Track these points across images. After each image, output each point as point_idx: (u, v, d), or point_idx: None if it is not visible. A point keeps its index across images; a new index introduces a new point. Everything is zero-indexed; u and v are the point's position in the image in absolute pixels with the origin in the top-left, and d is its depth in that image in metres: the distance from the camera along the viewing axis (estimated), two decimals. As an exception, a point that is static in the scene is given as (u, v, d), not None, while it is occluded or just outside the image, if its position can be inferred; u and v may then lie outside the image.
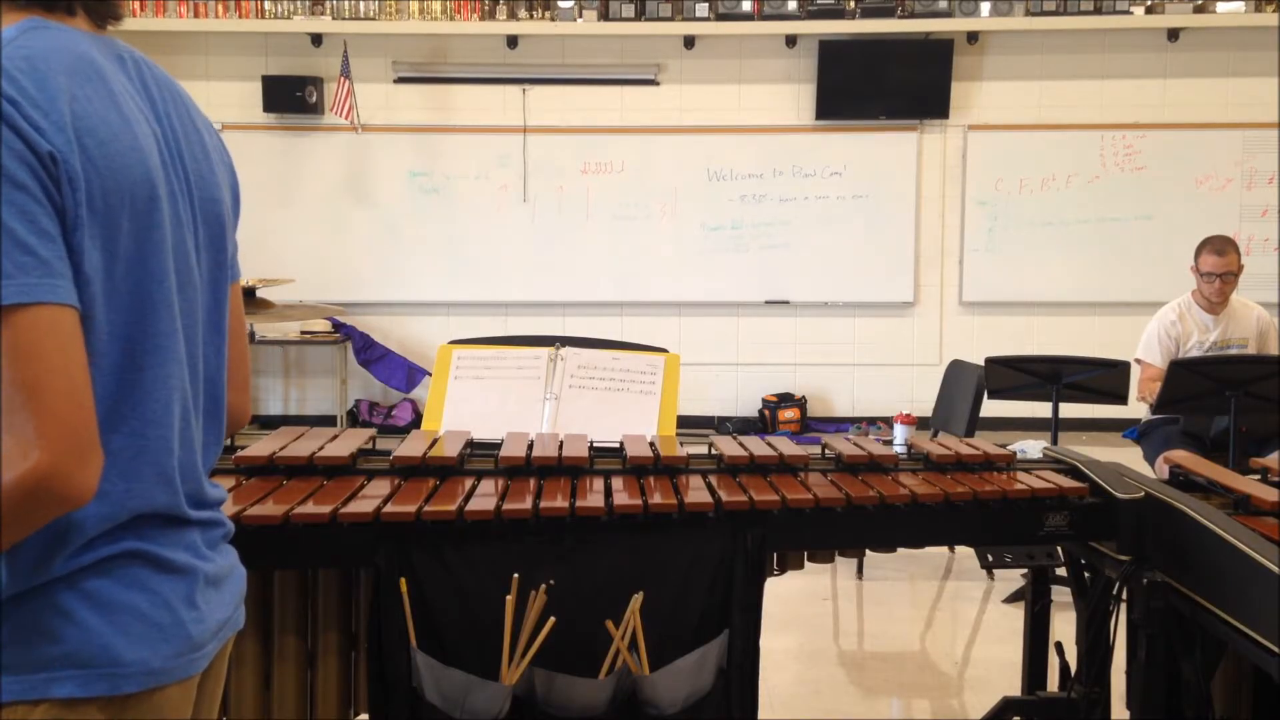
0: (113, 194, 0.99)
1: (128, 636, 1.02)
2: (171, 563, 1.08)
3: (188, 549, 1.10)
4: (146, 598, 1.05)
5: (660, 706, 1.87)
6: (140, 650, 1.03)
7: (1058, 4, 7.08)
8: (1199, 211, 7.17)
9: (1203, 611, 1.83)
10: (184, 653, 1.07)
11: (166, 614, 1.06)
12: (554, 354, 2.56)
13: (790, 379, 7.53)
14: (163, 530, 1.08)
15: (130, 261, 1.02)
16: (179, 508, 1.09)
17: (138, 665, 1.03)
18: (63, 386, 0.92)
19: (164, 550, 1.07)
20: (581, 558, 1.86)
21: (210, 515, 1.16)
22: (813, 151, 7.33)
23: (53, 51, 0.99)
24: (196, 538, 1.12)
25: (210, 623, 1.12)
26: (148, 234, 1.04)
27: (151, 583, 1.05)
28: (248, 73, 7.28)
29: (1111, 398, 4.13)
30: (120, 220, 1.00)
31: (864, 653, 3.68)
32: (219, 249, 1.19)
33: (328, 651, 1.89)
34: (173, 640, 1.06)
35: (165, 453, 1.07)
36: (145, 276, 1.04)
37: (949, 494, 1.97)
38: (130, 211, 1.02)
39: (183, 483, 1.10)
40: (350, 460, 2.01)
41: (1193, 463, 2.24)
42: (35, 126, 0.94)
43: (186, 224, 1.12)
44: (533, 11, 7.24)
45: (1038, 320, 7.41)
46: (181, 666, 1.07)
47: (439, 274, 7.40)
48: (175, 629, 1.06)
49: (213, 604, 1.13)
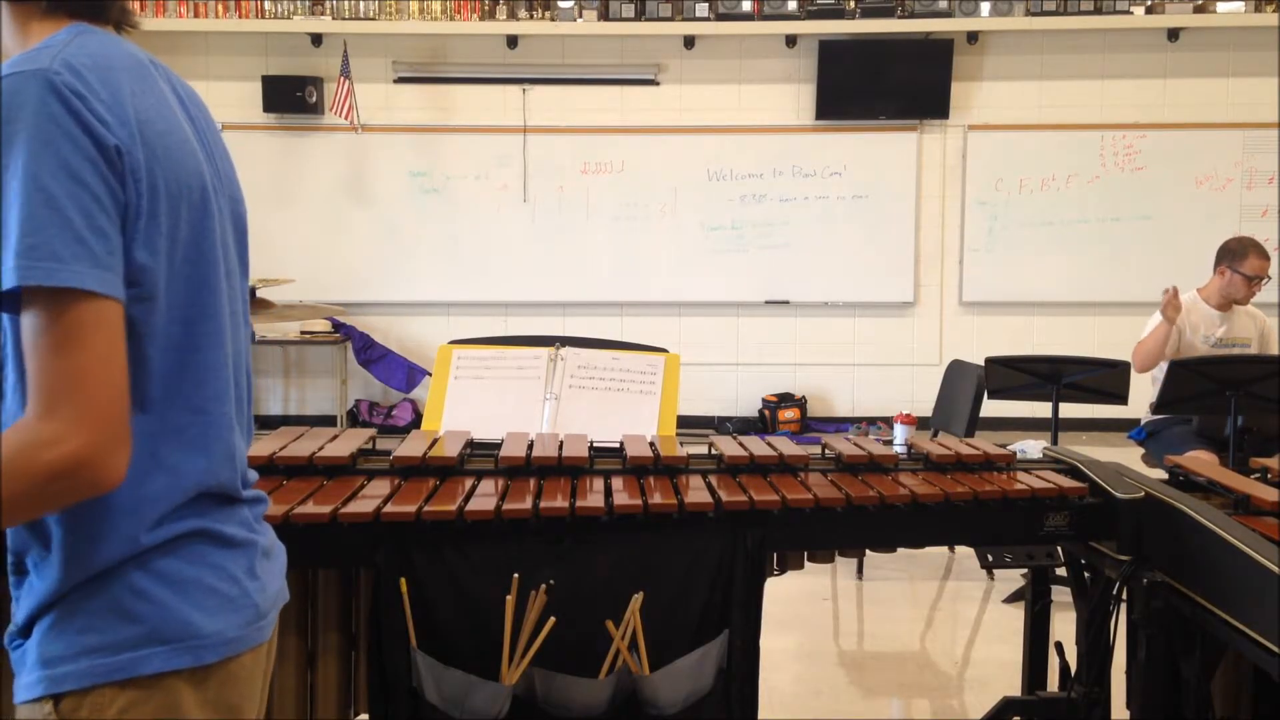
0: (173, 184, 1.05)
1: (203, 610, 1.08)
2: (232, 538, 1.13)
3: (242, 524, 1.16)
4: (214, 572, 1.10)
5: (660, 706, 1.87)
6: (217, 621, 1.08)
7: (1058, 4, 7.08)
8: (1199, 211, 7.17)
9: (1203, 611, 1.83)
10: (253, 621, 1.13)
11: (234, 586, 1.11)
12: (554, 354, 2.56)
13: (790, 379, 7.53)
14: (220, 508, 1.13)
15: (188, 247, 1.08)
16: (235, 485, 1.15)
17: (216, 636, 1.08)
18: (105, 377, 0.96)
19: (224, 526, 1.12)
20: (581, 558, 1.86)
21: (255, 493, 1.22)
22: (813, 151, 7.33)
23: (110, 53, 1.04)
24: (247, 513, 1.18)
25: (270, 591, 1.18)
26: (203, 222, 1.10)
27: (216, 558, 1.11)
28: (248, 73, 7.28)
29: (1111, 398, 4.13)
30: (180, 208, 1.06)
31: (864, 653, 3.67)
32: (243, 246, 1.25)
33: (328, 651, 1.89)
34: (243, 610, 1.12)
35: (228, 429, 1.14)
36: (201, 261, 1.10)
37: (949, 494, 1.97)
38: (188, 201, 1.08)
39: (240, 460, 1.17)
40: (350, 460, 2.01)
41: (1196, 463, 2.24)
42: (102, 121, 0.98)
43: (225, 219, 1.18)
44: (533, 11, 7.24)
45: (1038, 320, 7.41)
46: (253, 634, 1.13)
47: (439, 274, 7.40)
48: (243, 599, 1.12)
49: (270, 574, 1.19)
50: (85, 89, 0.98)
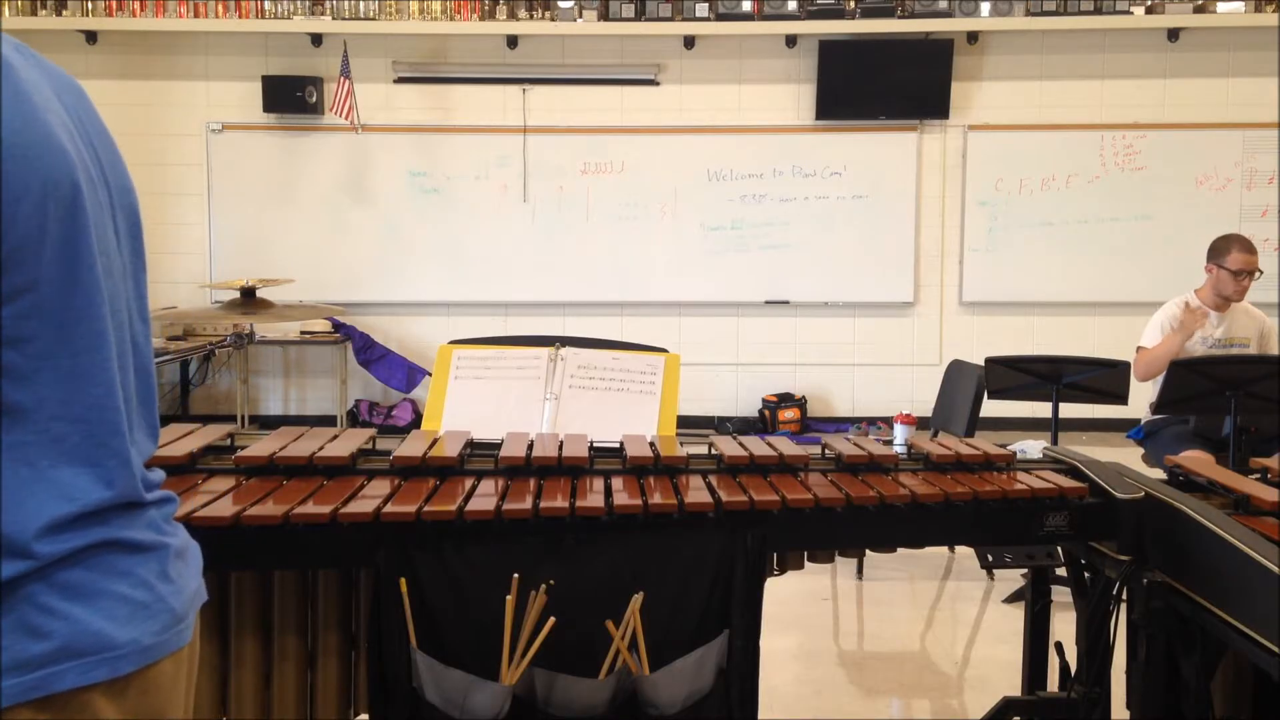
0: (33, 184, 0.99)
1: (116, 619, 1.04)
2: (141, 542, 1.09)
3: (149, 527, 1.12)
4: (124, 579, 1.06)
5: (660, 707, 1.87)
6: (131, 630, 1.05)
7: (1058, 4, 7.08)
8: (1199, 211, 7.18)
9: (1203, 611, 1.83)
10: (170, 626, 1.10)
11: (147, 592, 1.08)
12: (554, 354, 2.56)
13: (790, 379, 7.53)
14: (123, 514, 1.09)
15: (57, 246, 1.02)
16: (135, 490, 1.11)
17: (131, 645, 1.05)
18: None
19: (130, 532, 1.09)
20: (581, 558, 1.86)
21: (162, 494, 1.18)
22: (813, 151, 7.33)
23: None
24: (155, 514, 1.14)
25: (186, 593, 1.15)
26: (73, 220, 1.04)
27: (125, 564, 1.07)
28: (248, 73, 7.28)
29: (1111, 398, 4.13)
30: (45, 207, 1.00)
31: (864, 653, 3.67)
32: (136, 237, 1.19)
33: (328, 651, 1.89)
34: (158, 615, 1.08)
35: (116, 435, 1.08)
36: (74, 263, 1.04)
37: (949, 494, 1.97)
38: (54, 198, 1.01)
39: (136, 466, 1.12)
40: (350, 460, 2.01)
41: (1193, 462, 2.24)
42: None
43: (105, 211, 1.12)
44: (533, 11, 7.24)
45: (1038, 320, 7.41)
46: (171, 639, 1.10)
47: (439, 274, 7.40)
48: (158, 604, 1.09)
49: (185, 575, 1.15)
50: None
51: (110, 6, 7.18)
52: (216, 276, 7.26)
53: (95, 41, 7.22)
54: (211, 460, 2.03)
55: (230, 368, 7.47)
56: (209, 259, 7.38)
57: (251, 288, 4.35)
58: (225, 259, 7.35)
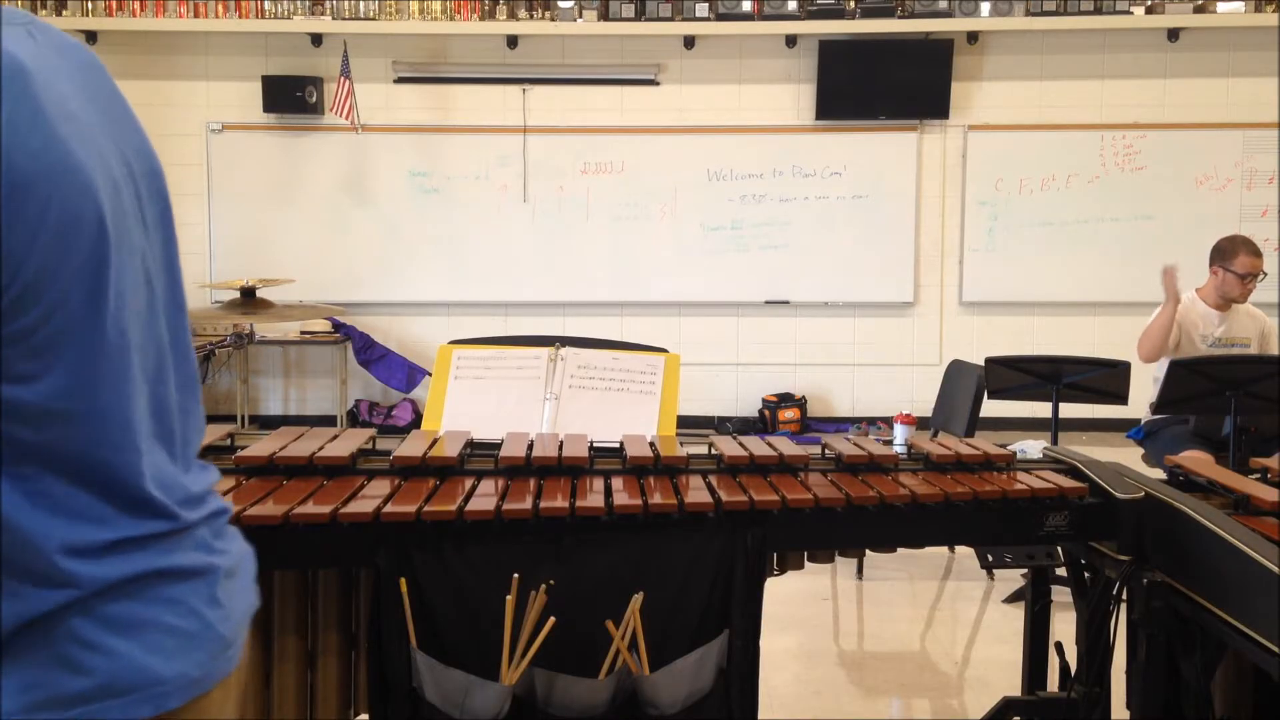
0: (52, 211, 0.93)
1: (162, 652, 0.99)
2: (189, 568, 1.04)
3: (198, 548, 1.07)
4: (171, 609, 1.01)
5: (660, 707, 1.87)
6: (178, 663, 1.00)
7: (1058, 4, 7.08)
8: (1199, 211, 7.17)
9: (1203, 611, 1.83)
10: (218, 654, 1.05)
11: (195, 620, 1.02)
12: (554, 354, 2.56)
13: (790, 379, 7.53)
14: (166, 540, 1.03)
15: (76, 279, 0.95)
16: (170, 510, 1.05)
17: (179, 679, 1.00)
18: None
19: (175, 558, 1.03)
20: (581, 558, 1.86)
21: (210, 509, 1.12)
22: (812, 152, 7.33)
23: None
24: (203, 534, 1.09)
25: (236, 616, 1.09)
26: (94, 248, 0.97)
27: (172, 593, 1.01)
28: (248, 73, 7.28)
29: (1111, 398, 4.13)
30: (65, 236, 0.94)
31: (864, 653, 3.67)
32: (168, 224, 1.13)
33: (328, 651, 1.89)
34: (207, 644, 1.03)
35: (139, 458, 1.02)
36: (94, 294, 0.97)
37: (949, 494, 1.97)
38: (74, 227, 0.94)
39: (165, 492, 1.05)
40: (350, 460, 2.01)
41: (1193, 463, 2.24)
42: None
43: (133, 212, 1.05)
44: (533, 11, 7.24)
45: (1038, 320, 7.41)
46: (220, 667, 1.05)
47: (439, 274, 7.40)
48: (206, 633, 1.03)
49: (236, 595, 1.10)
50: None
51: (110, 6, 7.18)
52: (216, 276, 7.26)
53: (95, 41, 7.21)
54: (211, 460, 2.03)
55: (230, 368, 7.47)
56: (209, 259, 7.37)
57: (251, 288, 4.35)
58: (225, 259, 7.35)
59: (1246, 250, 4.28)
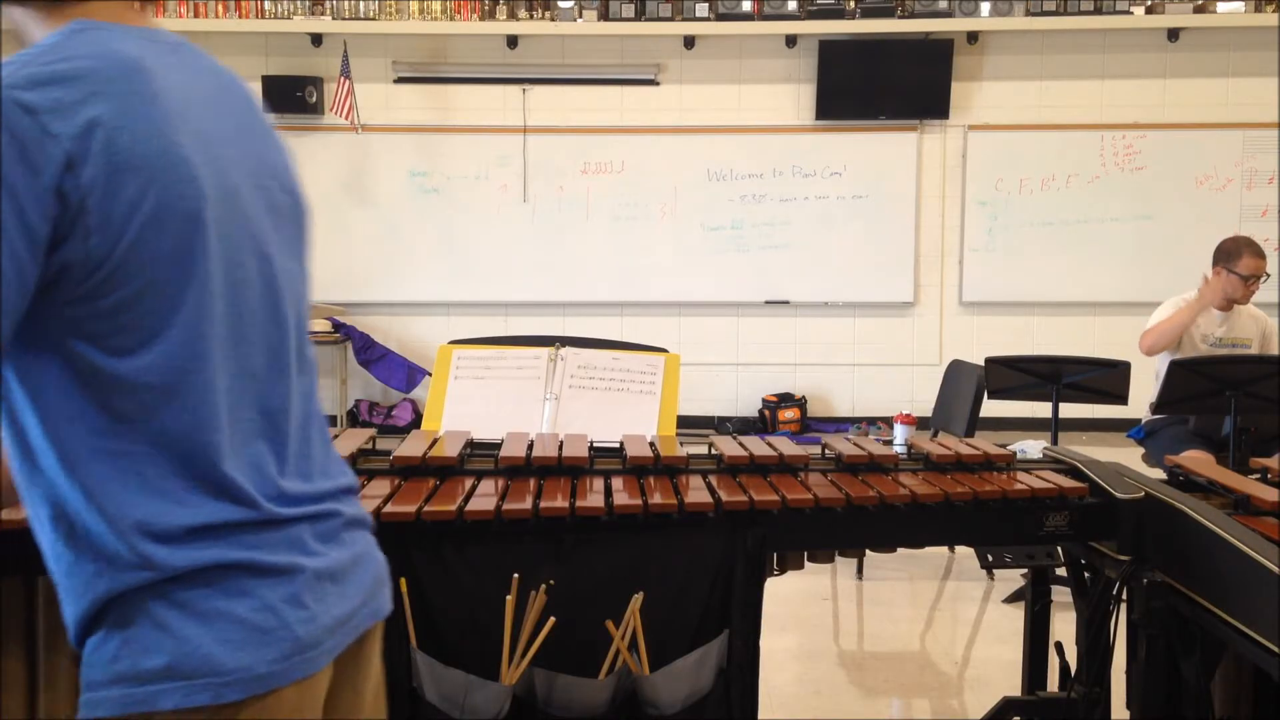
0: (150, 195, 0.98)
1: (228, 643, 1.01)
2: (269, 565, 1.05)
3: (291, 547, 1.07)
4: (245, 602, 1.02)
5: (660, 707, 1.87)
6: (242, 656, 1.01)
7: (1058, 4, 7.08)
8: (1199, 211, 7.18)
9: (1203, 611, 1.83)
10: (290, 654, 1.04)
11: (270, 617, 1.03)
12: (554, 354, 2.56)
13: (790, 379, 7.53)
14: (254, 532, 1.05)
15: (169, 264, 1.00)
16: (263, 505, 1.06)
17: (241, 672, 1.01)
18: None
19: (261, 553, 1.04)
20: (581, 558, 1.86)
21: (319, 508, 1.13)
22: (812, 152, 7.33)
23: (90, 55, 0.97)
24: (302, 532, 1.09)
25: (325, 620, 1.08)
26: (189, 238, 1.01)
27: (249, 586, 1.03)
28: (248, 73, 7.27)
29: (1111, 398, 4.13)
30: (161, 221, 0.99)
31: (864, 653, 3.67)
32: (300, 243, 1.20)
33: (328, 651, 1.89)
34: (277, 644, 1.03)
35: (229, 449, 1.05)
36: (185, 280, 1.01)
37: (949, 494, 1.97)
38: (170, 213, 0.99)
39: (252, 482, 1.06)
40: (350, 460, 2.01)
41: (1193, 463, 2.24)
42: (49, 133, 0.92)
43: (254, 222, 1.10)
44: (533, 11, 7.24)
45: (1038, 320, 7.41)
46: (293, 668, 1.04)
47: (439, 274, 7.40)
48: (280, 631, 1.04)
49: (329, 600, 1.09)
50: (38, 103, 0.92)
51: (110, 6, 7.18)
52: (216, 276, 7.25)
53: (95, 41, 7.22)
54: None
55: (230, 368, 7.46)
56: (209, 259, 7.37)
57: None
58: (225, 259, 7.34)
59: (1250, 252, 4.28)
